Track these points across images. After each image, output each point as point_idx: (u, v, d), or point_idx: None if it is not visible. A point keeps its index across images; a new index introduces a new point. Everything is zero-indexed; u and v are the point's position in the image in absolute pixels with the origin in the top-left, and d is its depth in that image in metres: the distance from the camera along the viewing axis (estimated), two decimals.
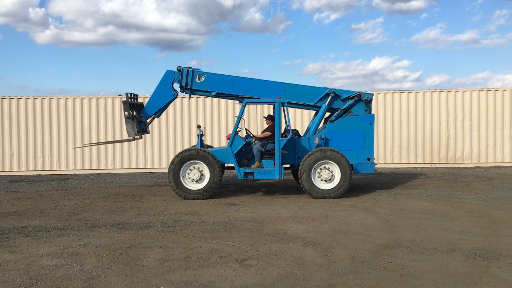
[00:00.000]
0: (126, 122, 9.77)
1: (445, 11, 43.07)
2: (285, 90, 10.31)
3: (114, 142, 13.56)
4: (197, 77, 10.23)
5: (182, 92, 10.42)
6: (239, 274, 4.93)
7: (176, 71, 10.26)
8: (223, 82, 10.31)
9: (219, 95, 10.45)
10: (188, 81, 10.22)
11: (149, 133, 11.09)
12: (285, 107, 9.97)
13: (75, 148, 14.37)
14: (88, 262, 5.36)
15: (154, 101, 10.34)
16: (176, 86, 10.39)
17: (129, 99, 10.03)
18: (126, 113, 9.69)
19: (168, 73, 10.33)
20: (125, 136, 15.17)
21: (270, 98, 10.19)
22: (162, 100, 10.33)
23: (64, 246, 6.04)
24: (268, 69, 44.93)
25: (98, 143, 13.72)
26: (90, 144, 13.47)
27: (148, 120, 10.51)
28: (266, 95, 10.29)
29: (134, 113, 10.00)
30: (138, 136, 10.21)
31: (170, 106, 15.30)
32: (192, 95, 10.53)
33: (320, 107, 10.37)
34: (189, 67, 10.26)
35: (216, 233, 6.68)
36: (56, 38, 41.08)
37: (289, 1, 44.49)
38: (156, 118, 10.70)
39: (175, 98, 10.43)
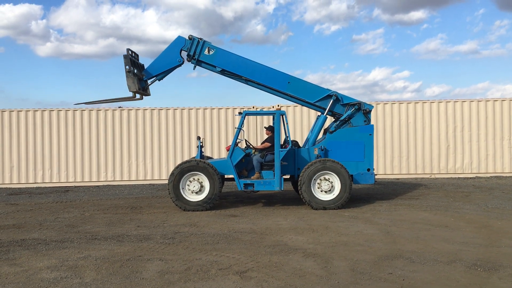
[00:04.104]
0: (126, 76, 9.72)
1: (446, 22, 43.44)
2: (288, 82, 10.38)
3: (115, 100, 12.95)
4: (206, 49, 10.28)
5: (189, 61, 10.41)
6: (239, 286, 4.91)
7: (187, 39, 10.31)
8: (230, 60, 10.36)
9: (223, 72, 10.44)
10: (197, 51, 10.26)
11: (149, 95, 10.95)
12: (284, 118, 10.01)
13: (75, 104, 13.67)
14: (87, 275, 5.34)
15: (158, 62, 10.38)
16: (184, 55, 10.40)
17: (130, 56, 9.98)
18: (127, 67, 9.66)
19: (179, 39, 10.36)
20: (125, 149, 15.24)
21: (274, 87, 10.33)
22: (167, 63, 10.36)
23: (63, 259, 6.02)
24: None
25: (100, 101, 12.84)
26: (92, 102, 12.59)
27: (149, 81, 10.50)
28: (269, 83, 10.37)
29: (135, 71, 9.99)
30: (139, 97, 10.21)
31: (170, 118, 15.37)
32: (196, 66, 10.50)
33: (319, 107, 10.44)
34: (200, 38, 10.32)
35: (216, 245, 6.67)
36: (57, 51, 41.39)
37: (290, 13, 44.90)
38: (157, 80, 10.60)
39: (179, 65, 10.39)
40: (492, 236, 6.93)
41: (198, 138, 10.36)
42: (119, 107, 15.46)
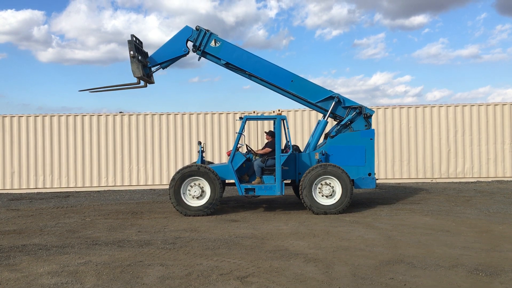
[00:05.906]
0: (131, 61, 9.77)
1: (447, 26, 43.55)
2: (292, 81, 10.40)
3: (120, 86, 12.52)
4: (213, 41, 10.33)
5: (194, 52, 10.46)
6: None
7: (195, 29, 10.35)
8: (236, 54, 10.40)
9: (228, 65, 10.46)
10: (203, 43, 10.31)
11: (153, 82, 10.91)
12: (285, 123, 10.01)
13: (80, 91, 13.29)
14: (88, 281, 5.33)
15: (164, 50, 10.43)
16: (190, 45, 10.45)
17: (135, 42, 9.99)
18: (132, 52, 9.69)
19: (186, 28, 10.42)
20: (126, 154, 15.24)
21: (277, 84, 10.36)
22: (172, 52, 10.40)
23: (64, 265, 6.01)
24: None
25: (105, 88, 12.32)
26: (97, 89, 12.04)
27: (153, 68, 10.54)
28: (272, 80, 10.40)
29: (140, 57, 10.02)
30: (143, 84, 10.25)
31: (171, 123, 15.39)
32: (202, 57, 10.55)
33: (320, 107, 10.46)
34: (207, 30, 10.37)
35: (217, 250, 6.65)
36: (59, 56, 41.53)
37: (291, 18, 45.06)
38: (161, 68, 10.63)
39: (185, 55, 10.45)
40: (493, 241, 6.91)
41: (199, 143, 10.37)
42: (120, 112, 15.49)
